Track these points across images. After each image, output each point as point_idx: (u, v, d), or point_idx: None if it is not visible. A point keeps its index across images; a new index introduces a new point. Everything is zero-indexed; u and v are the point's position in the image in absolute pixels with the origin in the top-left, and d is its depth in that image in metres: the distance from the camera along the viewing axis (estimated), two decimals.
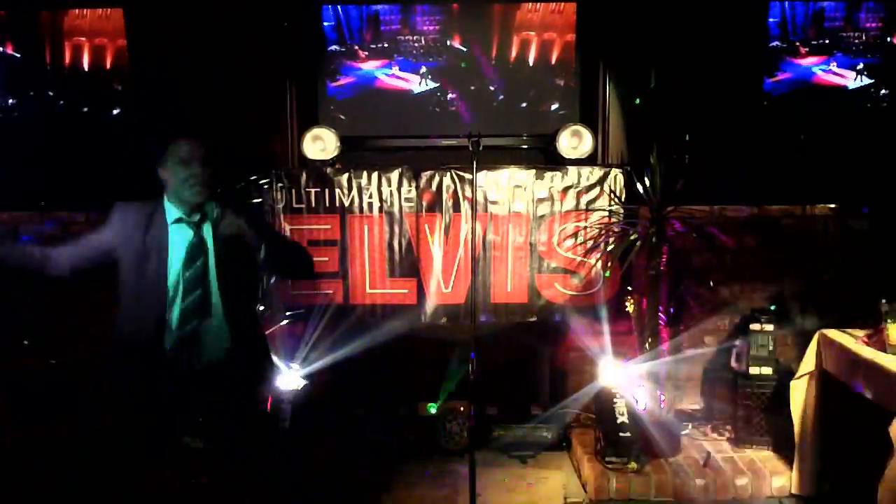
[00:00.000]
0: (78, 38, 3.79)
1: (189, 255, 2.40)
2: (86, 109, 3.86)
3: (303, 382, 3.45)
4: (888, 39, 3.78)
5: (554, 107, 3.84)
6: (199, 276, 2.40)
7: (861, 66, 3.80)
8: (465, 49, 3.79)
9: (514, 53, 3.80)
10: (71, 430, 3.63)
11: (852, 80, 3.82)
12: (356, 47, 3.79)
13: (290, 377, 3.45)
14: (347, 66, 3.80)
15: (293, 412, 3.39)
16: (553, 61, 3.80)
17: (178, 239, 2.42)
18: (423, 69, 3.80)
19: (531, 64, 3.80)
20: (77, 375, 3.72)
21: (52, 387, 3.71)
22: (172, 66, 3.70)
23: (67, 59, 3.80)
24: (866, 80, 3.81)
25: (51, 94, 3.85)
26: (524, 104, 3.84)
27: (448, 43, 3.78)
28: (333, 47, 3.78)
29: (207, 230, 2.43)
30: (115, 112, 3.85)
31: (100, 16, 3.76)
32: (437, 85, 3.82)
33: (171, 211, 2.44)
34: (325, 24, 3.75)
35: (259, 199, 3.56)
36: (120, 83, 3.81)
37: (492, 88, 3.83)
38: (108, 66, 3.80)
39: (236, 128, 3.61)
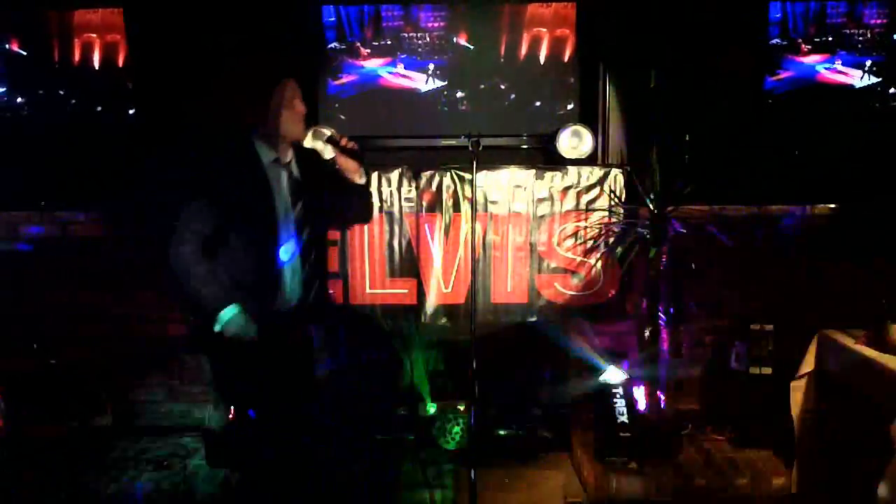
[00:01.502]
0: (87, 34, 3.78)
1: (292, 194, 2.42)
2: (88, 108, 3.86)
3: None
4: (894, 37, 3.76)
5: (569, 107, 3.83)
6: (306, 214, 2.44)
7: (868, 64, 3.78)
8: (471, 46, 3.78)
9: (514, 52, 3.79)
10: (70, 429, 3.64)
11: (858, 79, 3.80)
12: (357, 45, 3.78)
13: None
14: (349, 65, 3.79)
15: None
16: (552, 60, 3.79)
17: (275, 178, 2.41)
18: (431, 67, 3.80)
19: (531, 62, 3.80)
20: (77, 375, 3.72)
21: (52, 387, 3.71)
22: (172, 66, 3.70)
23: (77, 57, 3.80)
24: (873, 79, 3.80)
25: (60, 92, 3.83)
26: (530, 103, 3.83)
27: (454, 40, 3.77)
28: (334, 45, 3.77)
29: (296, 171, 2.46)
30: (115, 111, 3.85)
31: (109, 12, 3.75)
32: (445, 83, 3.80)
33: (265, 151, 2.42)
34: (326, 20, 3.73)
35: None
36: (122, 82, 3.81)
37: (502, 87, 3.82)
38: (107, 63, 3.80)
39: (237, 128, 3.61)
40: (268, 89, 2.47)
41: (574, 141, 3.56)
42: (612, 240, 3.41)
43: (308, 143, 3.53)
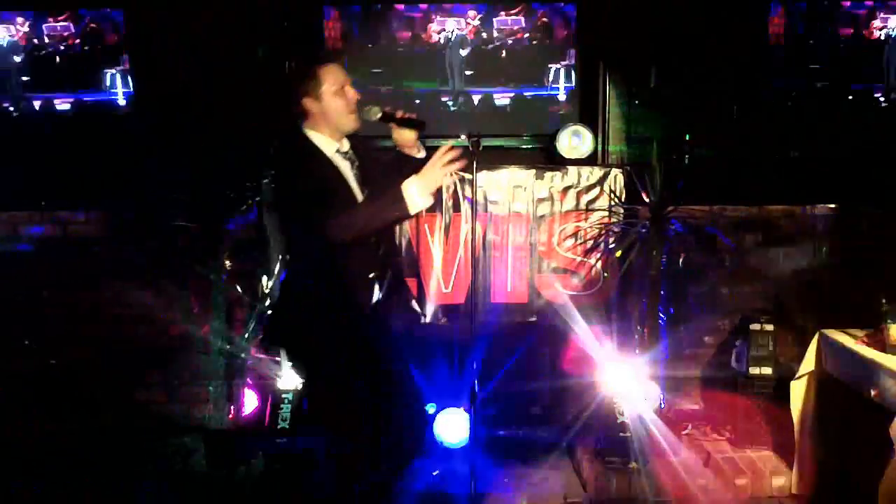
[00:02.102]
0: (89, 34, 3.78)
1: (358, 184, 2.33)
2: (89, 108, 3.86)
3: (302, 382, 3.45)
4: (893, 36, 3.77)
5: (569, 107, 3.83)
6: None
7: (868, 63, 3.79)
8: (472, 46, 3.78)
9: (515, 51, 3.80)
10: (70, 429, 3.64)
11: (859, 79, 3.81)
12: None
13: (289, 376, 3.45)
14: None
15: (292, 411, 3.39)
16: (553, 60, 3.80)
17: (345, 171, 2.32)
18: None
19: (532, 61, 3.80)
20: (77, 375, 3.73)
21: (52, 387, 3.72)
22: (172, 66, 3.70)
23: (78, 57, 3.80)
24: (874, 79, 3.81)
25: (62, 92, 3.84)
26: (530, 103, 3.83)
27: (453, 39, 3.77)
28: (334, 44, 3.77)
29: (357, 160, 2.35)
30: (116, 111, 3.85)
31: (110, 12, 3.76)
32: (444, 83, 3.80)
33: (325, 142, 2.33)
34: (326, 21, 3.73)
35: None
36: (123, 82, 3.82)
37: (503, 87, 3.82)
38: (108, 63, 3.81)
39: (236, 128, 3.61)
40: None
41: (574, 141, 3.56)
42: (612, 240, 3.41)
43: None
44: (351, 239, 2.19)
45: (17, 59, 3.80)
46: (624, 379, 3.43)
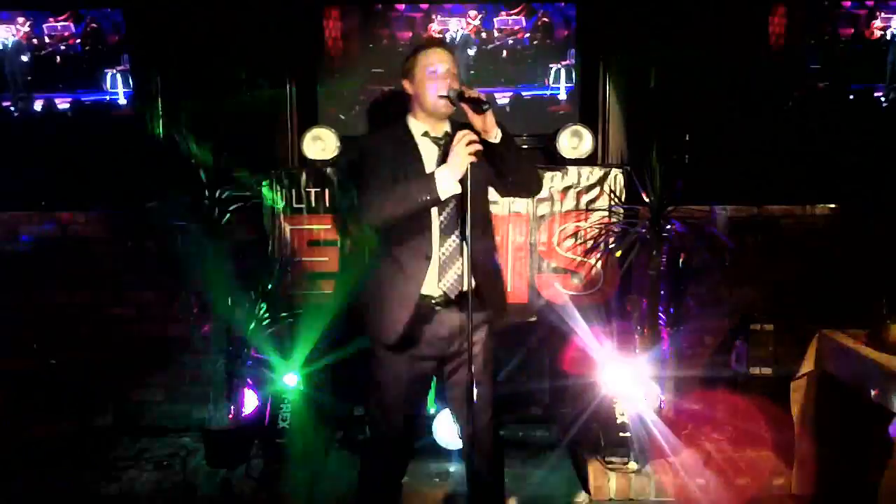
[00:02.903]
0: (89, 34, 3.79)
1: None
2: (89, 108, 3.86)
3: (302, 382, 3.45)
4: (892, 35, 3.77)
5: (569, 107, 3.83)
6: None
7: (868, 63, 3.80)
8: (473, 46, 3.78)
9: (514, 51, 3.80)
10: (70, 429, 3.64)
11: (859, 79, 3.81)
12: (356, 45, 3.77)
13: (289, 377, 3.44)
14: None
15: (293, 412, 3.39)
16: (552, 60, 3.80)
17: (427, 154, 2.34)
18: None
19: (531, 61, 3.80)
20: (77, 375, 3.73)
21: (52, 387, 3.72)
22: (172, 66, 3.70)
23: (78, 57, 3.81)
24: (874, 79, 3.80)
25: (62, 92, 3.85)
26: (529, 103, 3.83)
27: (455, 39, 3.77)
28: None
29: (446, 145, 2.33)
30: (116, 111, 3.85)
31: (110, 12, 3.77)
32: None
33: (416, 126, 2.36)
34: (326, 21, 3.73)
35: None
36: (123, 82, 3.82)
37: (503, 87, 3.82)
38: (108, 63, 3.81)
39: (236, 128, 3.61)
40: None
41: (574, 141, 3.56)
42: (612, 240, 3.41)
43: (307, 144, 3.54)
44: (382, 222, 2.25)
45: (18, 58, 3.80)
46: (624, 379, 3.43)
